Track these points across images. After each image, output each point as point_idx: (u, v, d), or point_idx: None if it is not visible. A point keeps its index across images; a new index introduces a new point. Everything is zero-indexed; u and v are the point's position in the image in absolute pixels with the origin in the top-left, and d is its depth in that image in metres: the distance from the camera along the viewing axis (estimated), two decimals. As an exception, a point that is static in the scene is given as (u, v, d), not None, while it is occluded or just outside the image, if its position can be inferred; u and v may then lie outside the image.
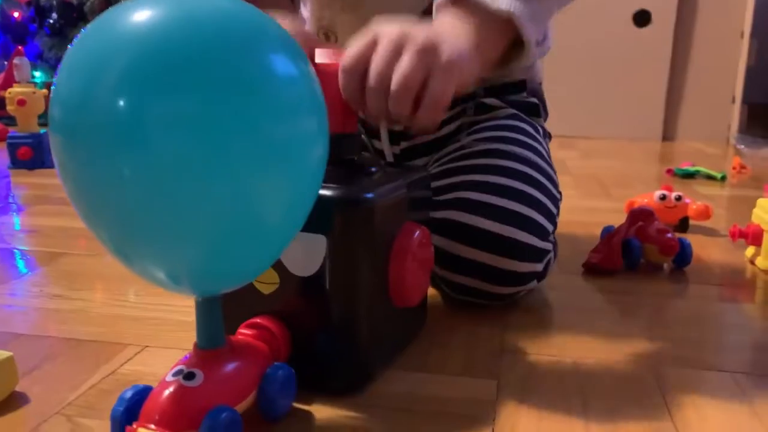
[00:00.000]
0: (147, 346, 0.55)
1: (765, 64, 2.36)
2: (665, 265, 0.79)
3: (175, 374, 0.39)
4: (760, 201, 0.81)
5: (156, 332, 0.58)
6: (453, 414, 0.45)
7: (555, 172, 0.70)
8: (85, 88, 0.33)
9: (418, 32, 0.49)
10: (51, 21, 2.52)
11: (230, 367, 0.41)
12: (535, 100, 0.77)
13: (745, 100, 2.06)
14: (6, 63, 2.43)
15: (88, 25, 0.35)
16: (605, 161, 1.67)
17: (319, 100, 0.38)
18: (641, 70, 2.11)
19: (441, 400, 0.47)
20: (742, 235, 0.81)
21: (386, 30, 0.49)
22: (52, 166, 1.30)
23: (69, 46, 0.35)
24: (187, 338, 0.51)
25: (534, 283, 0.62)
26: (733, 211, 1.12)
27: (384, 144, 0.76)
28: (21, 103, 1.39)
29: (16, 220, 0.98)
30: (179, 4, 0.34)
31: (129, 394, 0.39)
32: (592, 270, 0.76)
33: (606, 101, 2.14)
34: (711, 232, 0.95)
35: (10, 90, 1.41)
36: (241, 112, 0.33)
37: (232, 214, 0.34)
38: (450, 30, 0.52)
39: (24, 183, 1.28)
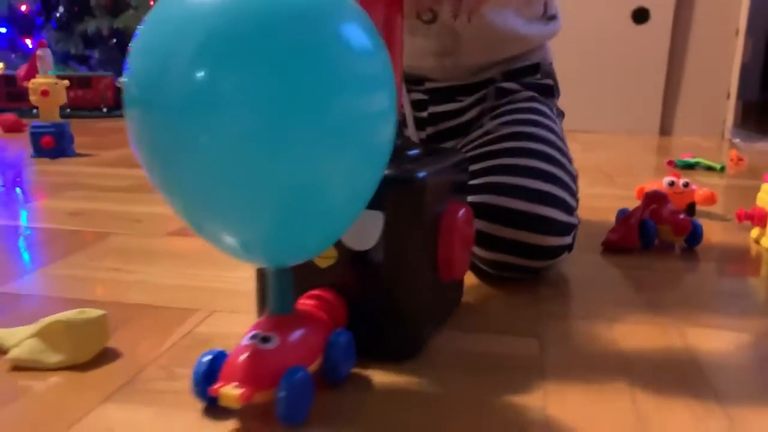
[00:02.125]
0: (215, 311, 0.60)
1: (758, 62, 2.43)
2: (677, 245, 0.84)
3: (252, 338, 0.42)
4: (765, 186, 0.86)
5: (219, 300, 0.63)
6: (504, 367, 0.50)
7: (569, 150, 0.75)
8: (161, 63, 0.35)
9: None
10: (58, 14, 2.55)
11: (300, 331, 0.44)
12: (549, 81, 0.82)
13: (740, 96, 2.12)
14: (13, 55, 2.46)
15: (157, 5, 0.37)
16: (606, 153, 1.73)
17: (391, 76, 0.40)
18: (639, 66, 2.17)
19: (490, 356, 0.52)
20: (748, 217, 0.87)
21: None
22: (73, 155, 1.34)
23: (139, 26, 0.37)
24: (248, 305, 0.55)
25: (565, 255, 0.67)
26: (733, 199, 1.18)
27: (410, 130, 0.81)
28: (44, 93, 1.43)
29: (55, 204, 1.02)
30: None
31: (207, 358, 0.43)
32: (610, 248, 0.82)
33: (605, 96, 2.19)
34: (716, 217, 1.01)
35: (33, 81, 1.44)
36: (313, 84, 0.35)
37: (304, 186, 0.37)
38: None
39: (50, 171, 1.32)
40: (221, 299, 0.63)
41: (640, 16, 2.14)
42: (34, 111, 2.31)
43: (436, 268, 0.52)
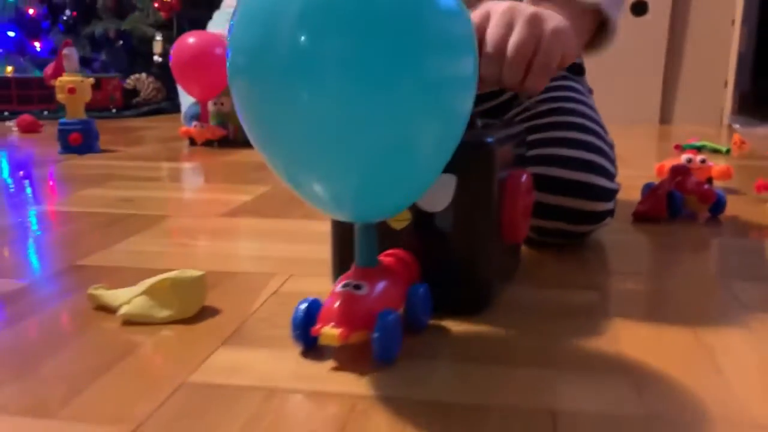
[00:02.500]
0: (291, 275, 0.64)
1: (751, 53, 2.50)
2: (701, 216, 0.90)
3: (344, 286, 0.46)
4: (781, 157, 0.92)
5: (292, 266, 0.67)
6: (570, 314, 0.55)
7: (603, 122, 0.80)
8: (264, 33, 0.38)
9: (525, 7, 0.58)
10: (64, 17, 2.58)
11: (385, 282, 0.48)
12: (579, 60, 0.87)
13: (737, 86, 2.19)
14: (22, 59, 2.49)
15: None
16: (615, 139, 1.79)
17: (474, 41, 0.43)
18: (639, 57, 2.23)
19: (555, 306, 0.57)
20: (766, 186, 0.92)
21: (497, 5, 0.58)
22: (99, 151, 1.38)
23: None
24: (319, 269, 0.59)
25: (608, 220, 0.73)
26: (743, 177, 1.24)
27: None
28: (71, 91, 1.47)
29: (103, 193, 1.06)
30: None
31: (304, 305, 0.47)
32: (640, 218, 0.87)
33: (606, 87, 2.24)
34: (732, 191, 1.07)
35: (60, 79, 1.48)
36: (407, 45, 0.37)
37: (393, 147, 0.40)
38: (549, 10, 0.62)
39: (84, 165, 1.36)
40: (294, 266, 0.67)
41: (639, 8, 2.20)
42: (45, 113, 2.35)
43: (501, 230, 0.57)
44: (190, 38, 1.62)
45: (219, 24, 1.87)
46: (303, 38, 0.37)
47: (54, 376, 0.44)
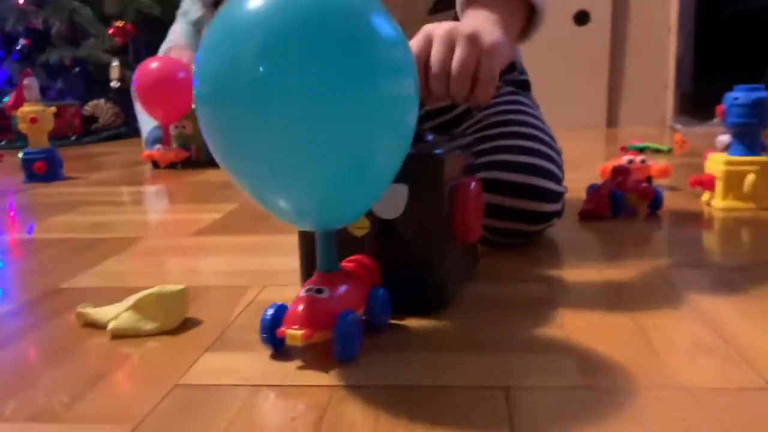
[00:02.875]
0: (265, 286, 0.69)
1: (690, 56, 2.63)
2: (641, 212, 0.97)
3: (307, 291, 0.51)
4: (711, 155, 1.00)
5: (264, 278, 0.72)
6: (525, 303, 0.61)
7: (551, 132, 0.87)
8: (229, 65, 0.42)
9: (462, 26, 0.64)
10: (18, 47, 2.57)
11: (346, 285, 0.53)
12: (524, 77, 0.95)
13: (677, 88, 2.31)
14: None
15: (217, 16, 0.45)
16: (563, 145, 1.87)
17: (413, 64, 0.48)
18: (584, 64, 2.33)
19: (508, 300, 0.63)
20: (699, 182, 1.00)
21: (436, 28, 0.64)
22: (63, 179, 1.40)
23: (205, 34, 0.45)
24: (290, 279, 0.64)
25: (555, 220, 0.79)
26: (682, 175, 1.32)
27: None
28: (33, 121, 1.49)
29: (73, 219, 1.09)
30: None
31: (271, 310, 0.51)
32: (586, 216, 0.94)
33: (554, 94, 2.34)
34: (671, 188, 1.15)
35: (21, 109, 1.50)
36: (357, 70, 0.42)
37: (349, 161, 0.45)
38: (483, 21, 0.67)
39: (51, 192, 1.38)
40: (266, 277, 0.72)
41: (581, 18, 2.31)
42: (2, 143, 2.34)
43: (455, 233, 0.62)
44: (153, 63, 1.65)
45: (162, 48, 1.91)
46: (263, 68, 0.42)
47: (54, 387, 0.48)
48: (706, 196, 1.02)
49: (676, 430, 0.39)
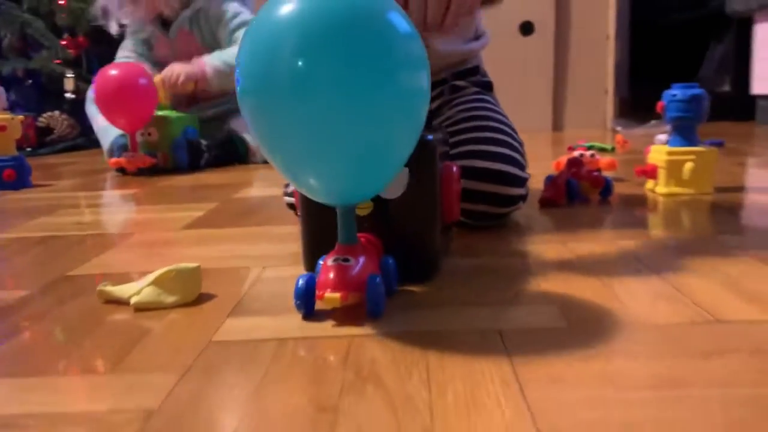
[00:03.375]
0: (266, 267, 0.75)
1: (626, 63, 2.80)
2: (594, 200, 1.07)
3: (334, 261, 0.58)
4: (653, 147, 1.11)
5: (263, 260, 0.78)
6: (503, 270, 0.69)
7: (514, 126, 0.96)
8: (267, 61, 0.49)
9: None
10: (-32, 59, 2.55)
11: (365, 255, 0.59)
12: (487, 78, 1.04)
13: (617, 93, 2.46)
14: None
15: (255, 19, 0.52)
16: (514, 148, 1.99)
17: (426, 58, 0.55)
18: (530, 72, 2.46)
19: (490, 267, 0.71)
20: (644, 171, 1.11)
21: None
22: (32, 186, 1.42)
23: (245, 35, 0.52)
24: (288, 260, 0.71)
25: (521, 203, 0.88)
26: (626, 168, 1.44)
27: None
28: (2, 129, 1.50)
29: (56, 220, 1.12)
30: None
31: (303, 279, 0.57)
32: (545, 204, 1.04)
33: (503, 100, 2.46)
34: (617, 180, 1.26)
35: (-11, 118, 1.51)
36: (382, 64, 0.49)
37: (370, 145, 0.52)
38: None
39: (24, 198, 1.40)
40: (264, 260, 0.78)
41: (526, 28, 2.44)
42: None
43: (442, 212, 0.70)
44: (112, 70, 1.66)
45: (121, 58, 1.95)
46: (300, 64, 0.48)
47: (96, 349, 0.54)
48: (650, 184, 1.13)
49: (641, 355, 0.48)
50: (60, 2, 2.71)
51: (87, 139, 2.62)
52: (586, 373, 0.45)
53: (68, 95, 2.57)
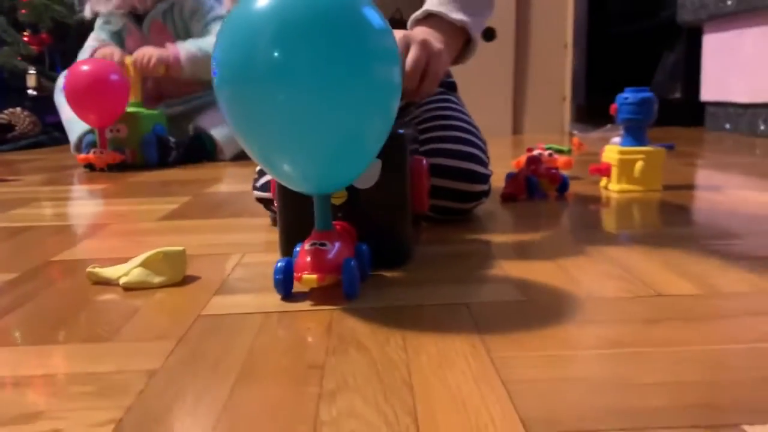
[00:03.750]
0: (246, 253, 0.79)
1: (583, 72, 2.91)
2: (551, 195, 1.14)
3: (312, 245, 0.62)
4: (608, 147, 1.19)
5: (242, 247, 0.82)
6: (468, 255, 0.75)
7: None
8: (246, 51, 0.52)
9: (415, 33, 0.78)
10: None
11: (340, 240, 0.64)
12: (452, 79, 1.10)
13: (574, 100, 2.56)
14: None
15: (232, 11, 0.55)
16: (476, 149, 2.06)
17: (398, 53, 0.59)
18: (491, 77, 2.54)
19: (456, 253, 0.77)
20: (598, 170, 1.18)
21: (395, 33, 0.78)
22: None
23: (222, 27, 0.55)
24: (265, 247, 0.75)
25: (484, 199, 0.94)
26: (581, 168, 1.52)
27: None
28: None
29: (31, 212, 1.14)
30: None
31: (281, 262, 0.61)
32: (506, 199, 1.10)
33: (465, 104, 2.55)
34: (573, 178, 1.33)
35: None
36: (355, 54, 0.53)
37: (344, 135, 0.56)
38: (431, 35, 0.82)
39: (-9, 192, 1.41)
40: (242, 247, 0.82)
41: (488, 35, 2.52)
42: None
43: (412, 203, 0.75)
44: (84, 66, 1.67)
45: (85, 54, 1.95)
46: (277, 54, 0.51)
47: (92, 322, 0.57)
48: (603, 181, 1.21)
49: (592, 322, 0.54)
50: (22, -2, 2.69)
51: (49, 136, 2.61)
52: (544, 336, 0.51)
53: (30, 92, 2.55)
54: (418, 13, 0.86)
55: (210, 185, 1.41)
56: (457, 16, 0.84)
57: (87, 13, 1.94)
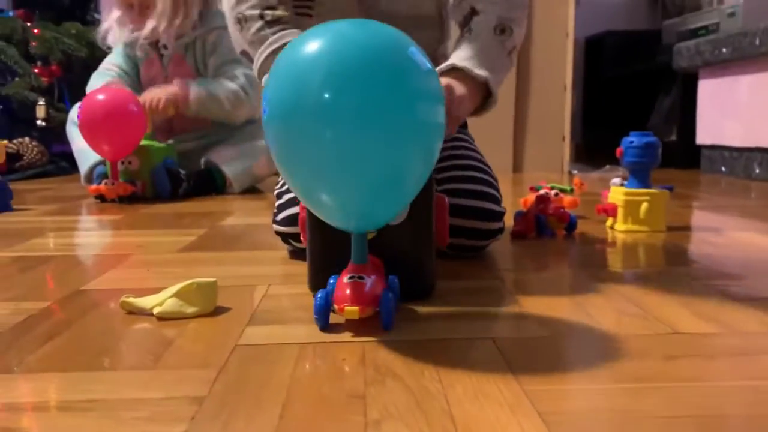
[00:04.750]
0: (270, 284, 0.82)
1: (580, 112, 2.97)
2: (559, 233, 1.17)
3: (350, 278, 0.64)
4: (613, 188, 1.23)
5: (266, 279, 0.84)
6: (487, 291, 0.78)
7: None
8: (296, 91, 0.55)
9: (441, 79, 0.82)
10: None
11: (375, 273, 0.66)
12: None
13: (572, 139, 2.61)
14: None
15: (284, 52, 0.58)
16: (479, 187, 2.10)
17: (443, 93, 0.61)
18: (492, 117, 2.58)
19: (474, 288, 0.79)
20: (604, 210, 1.22)
21: None
22: (12, 210, 1.45)
23: (273, 67, 0.58)
24: (290, 279, 0.78)
25: (499, 236, 0.97)
26: (585, 207, 1.56)
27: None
28: (-14, 153, 1.53)
29: (49, 242, 1.16)
30: (350, 28, 0.57)
31: (321, 294, 0.63)
32: (516, 236, 1.13)
33: (467, 142, 2.60)
34: (580, 217, 1.37)
35: (-26, 142, 1.54)
36: (404, 96, 0.55)
37: (386, 175, 0.58)
38: (453, 82, 0.86)
39: (11, 221, 1.42)
40: (267, 279, 0.85)
41: (490, 75, 2.57)
42: None
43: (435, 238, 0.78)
44: (100, 95, 1.68)
45: (96, 84, 1.97)
46: (326, 95, 0.54)
47: (132, 350, 0.60)
48: (609, 221, 1.24)
49: (614, 360, 0.56)
50: (34, 31, 2.75)
51: (56, 166, 2.64)
52: (570, 370, 0.53)
53: (39, 122, 2.59)
54: (442, 66, 0.89)
55: (223, 218, 1.44)
56: (480, 72, 0.88)
57: (110, 41, 1.97)
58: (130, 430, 0.44)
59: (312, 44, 0.57)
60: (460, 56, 0.89)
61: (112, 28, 1.93)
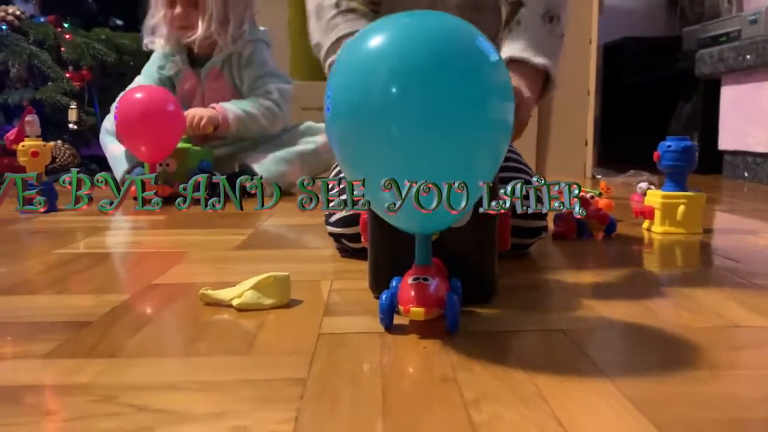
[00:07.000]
0: (333, 279, 0.85)
1: (599, 118, 3.00)
2: (598, 235, 1.20)
3: (414, 280, 0.63)
4: (649, 191, 1.26)
5: (327, 274, 0.88)
6: (537, 287, 0.81)
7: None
8: (362, 88, 0.55)
9: None
10: (-27, 87, 2.60)
11: (439, 275, 0.65)
12: None
13: (594, 145, 2.65)
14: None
15: (346, 50, 0.59)
16: (505, 191, 2.14)
17: (512, 89, 0.59)
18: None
19: (531, 284, 0.83)
20: (642, 212, 1.25)
21: None
22: (57, 210, 1.48)
23: (337, 64, 0.59)
24: (350, 275, 0.81)
25: (543, 234, 1.00)
26: (618, 211, 1.58)
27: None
28: (35, 154, 1.58)
29: (109, 240, 1.20)
30: (415, 20, 0.56)
31: (386, 295, 0.63)
32: (558, 238, 1.16)
33: (491, 147, 2.63)
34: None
35: (23, 144, 1.59)
36: (470, 94, 0.54)
37: (455, 173, 0.55)
38: (519, 82, 0.89)
39: (60, 221, 1.47)
40: (329, 275, 0.88)
41: (514, 81, 2.61)
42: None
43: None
44: (138, 93, 1.70)
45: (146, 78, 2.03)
46: (393, 90, 0.53)
47: (223, 337, 0.63)
48: (646, 224, 1.27)
49: (683, 350, 0.60)
50: (66, 36, 2.80)
51: (86, 168, 2.69)
52: (643, 359, 0.57)
53: (72, 126, 2.64)
54: None
55: (264, 219, 1.47)
56: (539, 60, 0.90)
57: (156, 44, 2.01)
58: (248, 407, 0.48)
59: (376, 39, 0.56)
60: (516, 48, 0.91)
61: (160, 25, 1.96)
